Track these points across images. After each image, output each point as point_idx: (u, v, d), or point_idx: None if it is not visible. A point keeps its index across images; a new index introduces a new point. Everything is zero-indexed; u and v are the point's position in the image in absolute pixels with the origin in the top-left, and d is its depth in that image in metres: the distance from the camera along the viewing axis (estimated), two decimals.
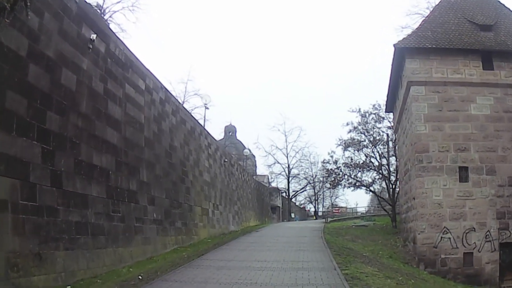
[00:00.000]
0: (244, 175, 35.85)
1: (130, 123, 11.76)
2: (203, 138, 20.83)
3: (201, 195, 18.95)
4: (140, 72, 13.07)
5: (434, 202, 13.61)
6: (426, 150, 14.01)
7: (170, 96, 15.87)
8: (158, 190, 13.17)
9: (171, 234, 13.85)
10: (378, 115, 26.04)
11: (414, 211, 14.51)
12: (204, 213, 19.13)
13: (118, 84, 11.36)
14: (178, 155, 15.98)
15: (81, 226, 8.73)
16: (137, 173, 11.77)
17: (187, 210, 16.20)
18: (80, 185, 8.90)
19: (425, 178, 13.77)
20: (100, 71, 10.41)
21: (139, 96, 12.71)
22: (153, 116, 13.66)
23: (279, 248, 12.52)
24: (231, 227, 26.00)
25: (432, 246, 13.47)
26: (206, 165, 20.79)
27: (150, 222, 12.17)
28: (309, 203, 76.45)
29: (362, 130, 26.17)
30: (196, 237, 16.86)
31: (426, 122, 14.25)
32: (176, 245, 14.11)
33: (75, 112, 9.12)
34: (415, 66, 14.85)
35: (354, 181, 26.55)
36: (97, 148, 9.78)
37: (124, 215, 10.60)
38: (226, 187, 26.16)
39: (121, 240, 10.30)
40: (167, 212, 13.74)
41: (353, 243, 15.77)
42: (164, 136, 14.47)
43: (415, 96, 14.52)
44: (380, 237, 18.97)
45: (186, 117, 17.89)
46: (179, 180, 15.70)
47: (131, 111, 11.95)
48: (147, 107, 13.29)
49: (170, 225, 13.86)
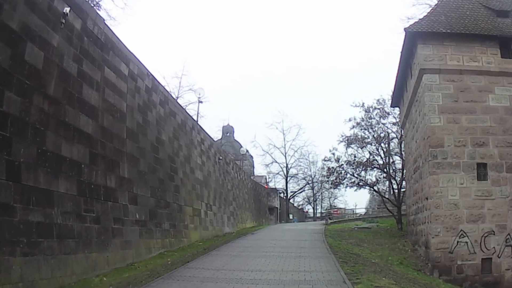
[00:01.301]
0: (240, 174, 34.68)
1: (109, 111, 10.56)
2: (195, 133, 19.63)
3: (193, 194, 17.74)
4: (123, 56, 11.88)
5: (450, 203, 12.45)
6: (441, 145, 12.84)
7: (158, 85, 14.66)
8: (142, 188, 11.96)
9: (157, 237, 12.63)
10: (383, 110, 24.89)
11: (426, 212, 13.34)
12: (196, 214, 17.92)
13: (96, 67, 10.18)
14: (167, 150, 14.76)
15: (44, 227, 7.53)
16: (117, 168, 10.55)
17: (176, 211, 14.98)
18: (44, 180, 7.70)
19: (440, 176, 12.60)
20: (74, 50, 9.26)
21: (120, 82, 11.51)
22: (137, 105, 12.46)
23: (276, 254, 11.26)
24: (226, 228, 24.82)
25: (447, 252, 12.32)
26: (198, 162, 19.59)
27: (132, 223, 10.96)
28: (308, 204, 75.53)
29: (366, 126, 24.99)
30: (186, 240, 15.65)
31: (440, 114, 13.09)
32: (163, 249, 12.90)
33: (41, 95, 7.96)
34: (428, 52, 13.70)
35: (358, 180, 25.36)
36: (67, 137, 8.59)
37: (99, 215, 9.39)
38: (220, 186, 24.97)
39: (95, 244, 9.08)
40: (153, 213, 12.52)
41: (358, 247, 14.56)
42: (150, 128, 13.26)
43: (428, 85, 13.36)
44: (386, 241, 17.82)
45: (176, 109, 16.68)
46: (167, 178, 14.48)
47: (110, 97, 10.75)
48: (131, 94, 12.09)
49: (156, 226, 12.64)
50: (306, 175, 59.89)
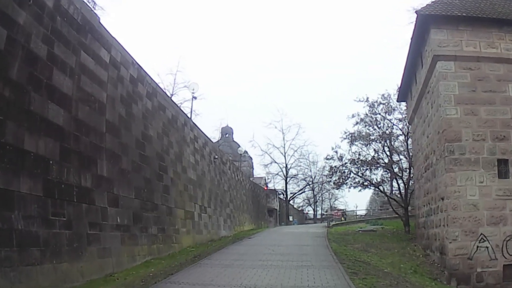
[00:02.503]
0: (238, 175, 33.62)
1: (85, 101, 9.49)
2: (187, 130, 18.55)
3: (185, 195, 16.65)
4: (104, 41, 10.81)
5: (469, 203, 11.36)
6: (458, 139, 11.77)
7: (145, 75, 13.56)
8: (125, 188, 10.87)
9: (143, 243, 11.54)
10: (389, 105, 23.79)
11: (442, 214, 12.27)
12: (188, 217, 16.82)
13: (70, 50, 9.13)
14: (154, 146, 13.67)
15: (1, 234, 6.46)
16: (93, 166, 9.46)
17: (165, 213, 13.89)
18: (2, 178, 6.65)
19: (457, 174, 11.52)
20: (45, 30, 8.25)
21: (100, 70, 10.43)
22: (119, 96, 11.38)
23: (275, 264, 10.07)
24: (222, 232, 23.73)
25: (466, 258, 11.23)
26: (191, 160, 18.50)
27: (112, 228, 9.86)
28: (308, 206, 74.53)
29: (371, 122, 23.87)
30: (177, 246, 14.56)
31: (457, 105, 12.03)
32: (149, 256, 11.82)
33: (0, 79, 6.91)
34: (442, 37, 12.65)
35: (362, 180, 24.24)
36: (32, 129, 7.53)
37: (71, 219, 8.30)
38: (216, 187, 23.89)
39: (66, 253, 8.00)
40: (137, 216, 11.43)
41: (366, 253, 13.45)
42: (135, 122, 12.18)
43: (443, 73, 12.29)
44: (395, 245, 16.74)
45: (166, 102, 15.60)
46: (155, 177, 13.39)
47: (87, 86, 9.67)
48: (112, 84, 11.01)
49: (141, 231, 11.55)
50: (306, 175, 58.96)
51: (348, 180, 24.35)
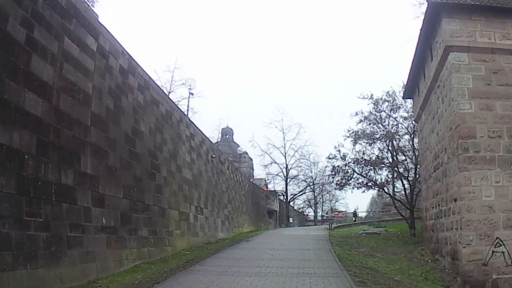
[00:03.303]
0: (237, 175, 32.95)
1: (68, 91, 8.82)
2: (183, 127, 17.87)
3: (179, 195, 15.97)
4: (91, 27, 10.15)
5: (484, 205, 10.67)
6: (472, 136, 11.09)
7: (136, 67, 12.89)
8: (112, 187, 10.19)
9: (132, 246, 10.86)
10: (394, 102, 23.07)
11: (454, 216, 11.58)
12: (183, 218, 16.14)
13: (52, 35, 8.48)
14: (146, 143, 13.00)
15: None
16: (76, 162, 8.79)
17: (157, 215, 13.21)
18: None
19: (472, 173, 10.83)
20: (24, 13, 7.65)
21: (86, 58, 9.77)
22: (107, 87, 10.70)
23: (274, 271, 9.26)
24: (219, 234, 23.05)
25: (480, 264, 10.54)
26: (187, 159, 17.82)
27: (96, 230, 9.18)
28: (308, 207, 73.91)
29: (375, 120, 23.14)
30: (170, 249, 13.88)
31: (471, 99, 11.35)
32: (139, 260, 11.14)
33: None
34: (454, 27, 11.98)
35: (366, 180, 23.51)
36: (5, 119, 6.87)
37: (49, 220, 7.62)
38: (214, 187, 23.22)
39: (43, 257, 7.33)
40: (126, 217, 10.75)
41: (372, 258, 12.71)
42: (124, 116, 11.50)
43: (456, 65, 11.62)
44: (401, 249, 16.04)
45: (160, 97, 14.92)
46: (147, 176, 12.71)
47: (71, 75, 9.00)
48: (99, 74, 10.34)
49: (130, 234, 10.86)
50: (307, 176, 58.39)
51: (351, 180, 23.65)
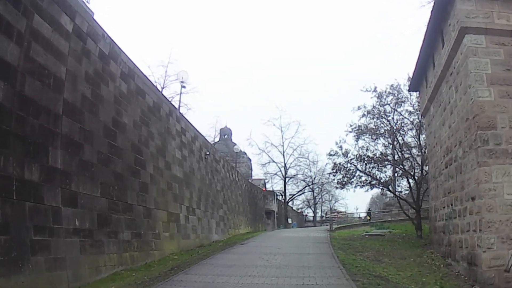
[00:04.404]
0: (233, 174, 32.06)
1: (35, 75, 7.90)
2: (173, 121, 16.92)
3: (168, 195, 15.03)
4: (66, 5, 9.25)
5: (507, 204, 9.74)
6: (492, 126, 10.16)
7: (119, 53, 11.94)
8: (87, 184, 9.24)
9: (111, 251, 9.91)
10: (398, 95, 22.11)
11: (471, 217, 10.64)
12: (173, 219, 15.20)
13: (19, 11, 7.58)
14: (130, 136, 12.05)
15: None
16: (43, 155, 7.84)
17: (142, 215, 12.26)
18: None
19: (492, 168, 9.89)
20: None
21: (59, 39, 8.84)
22: (84, 73, 9.75)
23: (269, 282, 8.27)
24: (214, 236, 22.15)
25: (502, 270, 9.60)
26: (177, 155, 16.88)
27: (67, 233, 8.24)
28: (308, 207, 73.16)
29: (379, 114, 22.17)
30: (157, 253, 12.96)
31: (490, 86, 10.44)
32: (120, 267, 10.21)
33: None
34: (470, 7, 11.07)
35: (370, 179, 22.53)
36: None
37: (9, 221, 6.69)
38: (207, 186, 22.29)
39: (1, 265, 6.41)
40: (104, 218, 9.80)
41: (380, 264, 11.74)
42: (104, 106, 10.55)
43: (473, 48, 10.71)
44: (409, 252, 15.11)
45: (146, 87, 13.97)
46: (130, 173, 11.77)
47: (40, 56, 8.07)
48: (75, 58, 9.39)
49: (109, 237, 9.92)
50: (306, 176, 57.57)
51: (353, 178, 22.68)
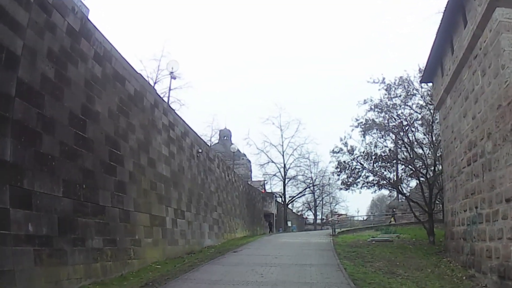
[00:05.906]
0: (229, 174, 30.76)
1: None
2: (159, 113, 15.63)
3: (151, 195, 13.73)
4: None
5: None
6: None
7: (94, 31, 10.66)
8: (45, 182, 7.95)
9: (76, 262, 8.60)
10: (408, 88, 20.79)
11: (505, 222, 9.31)
12: (157, 223, 13.91)
13: None
14: (104, 127, 10.76)
15: None
16: None
17: (118, 219, 10.97)
18: None
19: None
20: None
21: (17, 8, 7.64)
22: (47, 49, 8.45)
23: None
24: (206, 241, 20.86)
25: None
26: (163, 152, 15.60)
27: (17, 240, 6.94)
28: (308, 210, 71.96)
29: (387, 108, 20.81)
30: (136, 262, 11.67)
31: None
32: (88, 280, 8.93)
33: None
34: None
35: (378, 179, 21.20)
36: None
37: None
38: (200, 187, 21.02)
39: None
40: (68, 222, 8.51)
41: (395, 279, 10.30)
42: (71, 89, 9.25)
43: (505, 23, 9.44)
44: (423, 261, 13.83)
45: (126, 73, 12.68)
46: (103, 169, 10.47)
47: None
48: (36, 31, 8.12)
49: (74, 245, 8.62)
50: (306, 177, 56.42)
51: (359, 178, 21.33)
